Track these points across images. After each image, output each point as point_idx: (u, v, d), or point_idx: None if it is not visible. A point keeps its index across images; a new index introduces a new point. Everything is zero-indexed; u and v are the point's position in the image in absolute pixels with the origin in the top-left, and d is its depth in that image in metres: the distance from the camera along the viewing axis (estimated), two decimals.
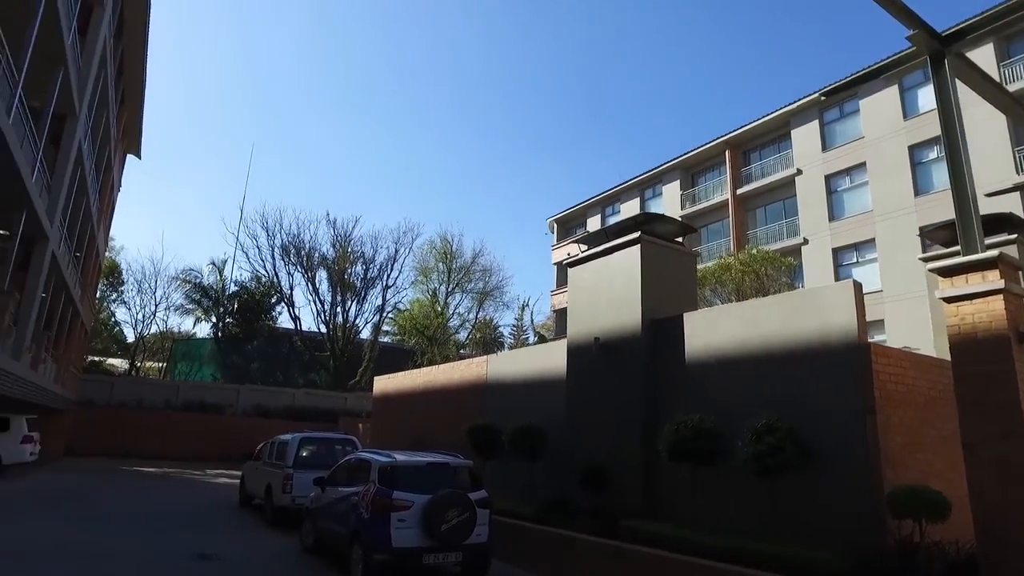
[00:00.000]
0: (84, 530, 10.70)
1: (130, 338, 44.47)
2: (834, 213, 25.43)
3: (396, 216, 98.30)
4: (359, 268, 41.95)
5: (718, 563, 7.03)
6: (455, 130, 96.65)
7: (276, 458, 13.41)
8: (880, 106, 24.14)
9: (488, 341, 47.34)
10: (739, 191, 29.25)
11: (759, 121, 28.77)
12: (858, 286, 7.78)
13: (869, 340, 7.85)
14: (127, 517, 12.33)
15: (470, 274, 45.55)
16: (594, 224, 36.37)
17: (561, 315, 36.34)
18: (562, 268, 37.37)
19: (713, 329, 9.47)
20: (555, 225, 41.22)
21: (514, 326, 49.16)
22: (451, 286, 45.04)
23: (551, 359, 13.26)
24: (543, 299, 67.21)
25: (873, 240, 23.54)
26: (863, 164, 24.57)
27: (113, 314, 45.07)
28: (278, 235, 41.06)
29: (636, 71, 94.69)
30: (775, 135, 28.94)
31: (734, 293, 17.60)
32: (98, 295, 37.51)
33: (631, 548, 8.02)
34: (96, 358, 40.33)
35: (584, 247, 12.70)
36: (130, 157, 34.93)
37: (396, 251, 42.42)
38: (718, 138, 30.65)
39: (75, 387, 27.67)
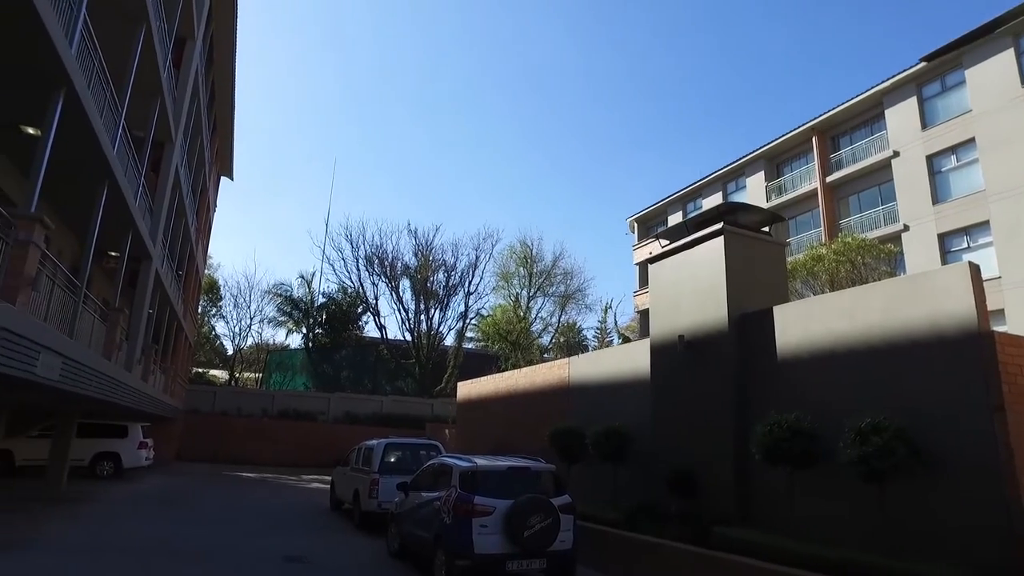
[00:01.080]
0: (187, 529, 11.27)
1: (229, 350, 47.07)
2: (938, 196, 23.47)
3: (476, 223, 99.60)
4: (441, 276, 42.65)
5: None
6: (532, 134, 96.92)
7: (363, 463, 13.67)
8: (991, 73, 22.04)
9: (571, 345, 46.91)
10: (829, 178, 27.60)
11: (849, 103, 27.04)
12: (975, 268, 7.02)
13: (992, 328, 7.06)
14: (226, 518, 12.90)
15: (551, 277, 45.33)
16: (675, 221, 35.35)
17: (645, 316, 35.47)
18: (644, 268, 36.54)
19: (807, 322, 8.84)
20: (635, 224, 40.38)
21: (597, 328, 48.48)
22: (532, 290, 44.98)
23: (634, 359, 12.86)
24: (626, 300, 66.24)
25: (987, 222, 21.50)
26: (971, 140, 22.53)
27: (213, 328, 47.88)
28: (362, 246, 42.36)
29: (711, 65, 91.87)
30: (867, 117, 27.11)
31: (827, 284, 16.51)
32: (199, 310, 39.89)
33: (724, 557, 7.55)
34: (200, 369, 42.89)
35: (664, 242, 12.24)
36: (223, 179, 37.04)
37: (477, 257, 42.87)
38: (804, 124, 29.08)
39: (182, 397, 29.46)
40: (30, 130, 10.55)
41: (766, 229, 11.49)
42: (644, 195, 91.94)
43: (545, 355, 43.69)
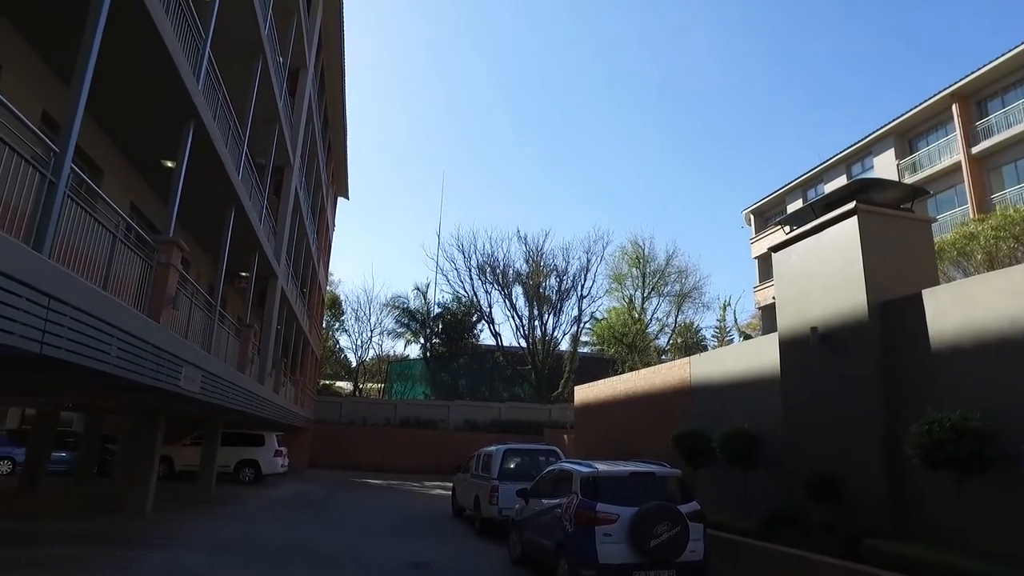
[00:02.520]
0: (319, 533, 11.73)
1: (353, 362, 49.41)
2: None
3: (585, 226, 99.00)
4: (553, 281, 42.64)
5: None
6: (637, 132, 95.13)
7: (482, 470, 13.68)
8: None
9: (690, 345, 45.22)
10: (975, 149, 24.74)
11: (997, 62, 24.05)
12: None
13: None
14: (354, 523, 13.34)
15: (665, 277, 43.93)
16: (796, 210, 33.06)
17: (767, 312, 33.47)
18: (764, 262, 34.56)
19: (968, 305, 7.77)
20: (751, 217, 38.31)
21: (716, 327, 46.43)
22: (646, 291, 43.81)
23: (761, 356, 12.01)
24: (746, 296, 63.10)
25: None
26: None
27: (337, 342, 50.46)
28: (473, 256, 43.19)
29: (816, 46, 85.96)
30: (1021, 75, 24.06)
31: (984, 264, 14.65)
32: (324, 325, 42.16)
33: (882, 574, 6.71)
34: (327, 381, 45.27)
35: (788, 229, 11.35)
36: (340, 199, 39.01)
37: (588, 260, 42.49)
38: (942, 91, 26.25)
39: (312, 407, 31.17)
40: (168, 164, 11.45)
41: (908, 206, 10.33)
42: (756, 188, 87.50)
43: (663, 357, 42.37)
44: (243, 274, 17.43)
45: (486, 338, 44.96)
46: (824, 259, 9.95)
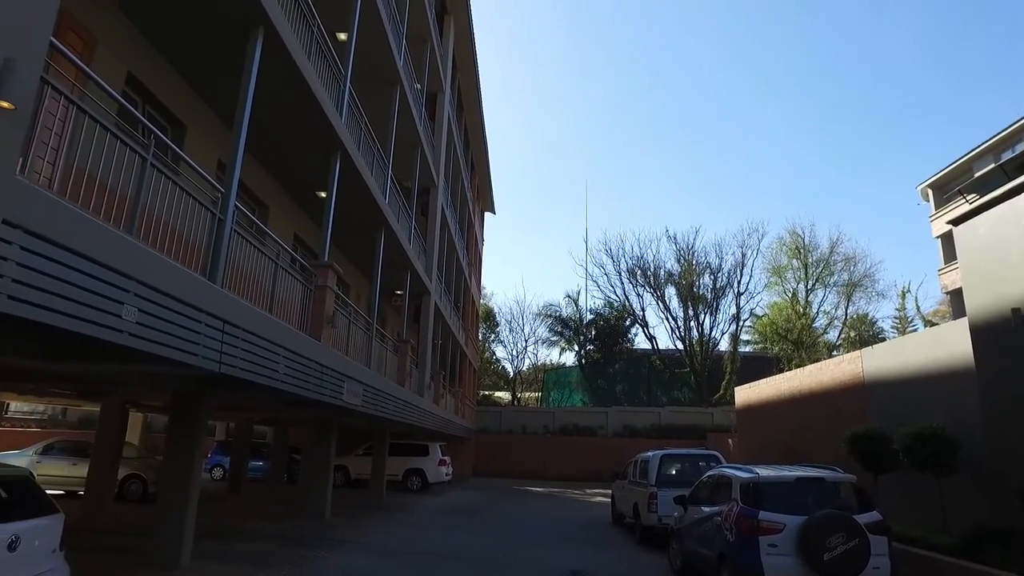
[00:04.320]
0: (482, 539, 12.04)
1: (510, 372, 50.62)
2: None
3: (737, 220, 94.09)
4: (707, 279, 40.98)
5: None
6: (790, 116, 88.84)
7: (640, 476, 13.32)
8: None
9: (865, 339, 41.09)
10: None
11: None
12: None
13: None
14: (516, 530, 13.54)
15: (830, 266, 40.37)
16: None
17: (956, 297, 29.53)
18: (948, 240, 30.55)
19: None
20: (930, 192, 34.03)
21: (895, 317, 41.83)
22: (810, 283, 40.56)
23: (948, 345, 10.56)
24: (928, 281, 56.32)
25: None
26: None
27: (494, 353, 51.97)
28: (622, 259, 42.65)
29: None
30: None
31: None
32: (479, 337, 43.62)
33: None
34: (486, 392, 46.73)
35: (971, 197, 9.90)
36: (487, 214, 40.29)
37: (743, 255, 40.35)
38: None
39: (472, 417, 32.30)
40: (321, 194, 12.46)
41: None
42: (933, 160, 77.56)
43: (834, 352, 38.86)
44: (398, 292, 18.52)
45: (641, 342, 44.22)
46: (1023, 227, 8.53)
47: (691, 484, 10.21)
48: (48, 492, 5.68)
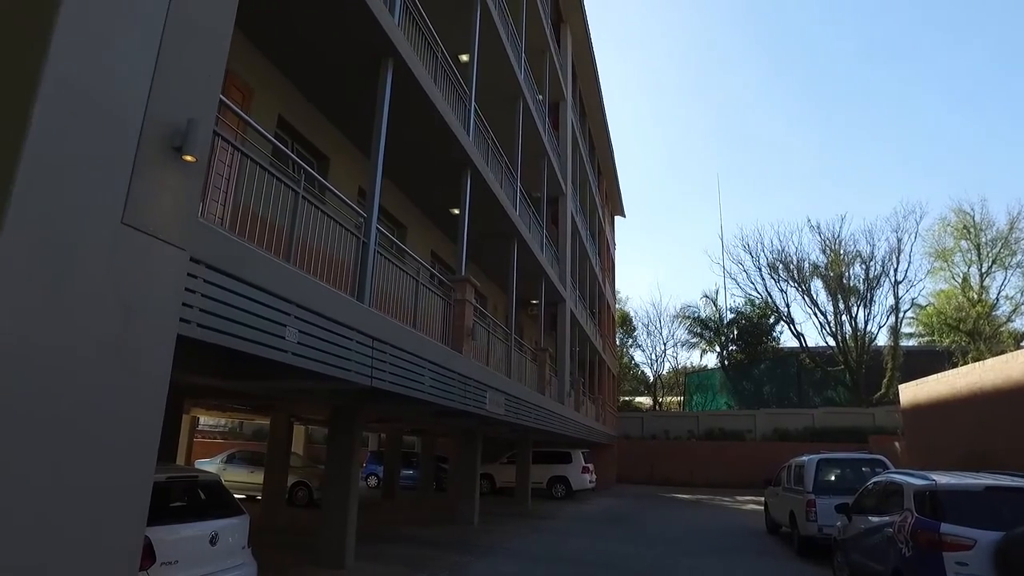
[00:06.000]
0: (628, 547, 11.85)
1: (649, 377, 49.59)
2: None
3: (888, 203, 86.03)
4: (857, 268, 37.95)
5: None
6: (942, 90, 79.90)
7: (795, 483, 12.51)
8: None
9: None
10: None
11: None
12: None
13: None
14: (664, 538, 13.19)
15: (1011, 244, 35.62)
16: None
17: None
18: None
19: None
20: None
21: None
22: (986, 265, 36.06)
23: None
24: None
25: None
26: None
27: (632, 357, 51.16)
28: (761, 254, 40.62)
29: None
30: None
31: None
32: (617, 343, 43.12)
33: None
34: (626, 398, 46.08)
35: None
36: (617, 218, 39.87)
37: (898, 241, 36.91)
38: None
39: (614, 424, 31.95)
40: (454, 211, 12.96)
41: None
42: None
43: (1022, 343, 34.26)
44: (533, 302, 18.80)
45: (787, 340, 41.83)
46: None
47: (853, 491, 9.44)
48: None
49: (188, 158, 3.71)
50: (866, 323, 37.05)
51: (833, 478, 11.88)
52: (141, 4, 3.52)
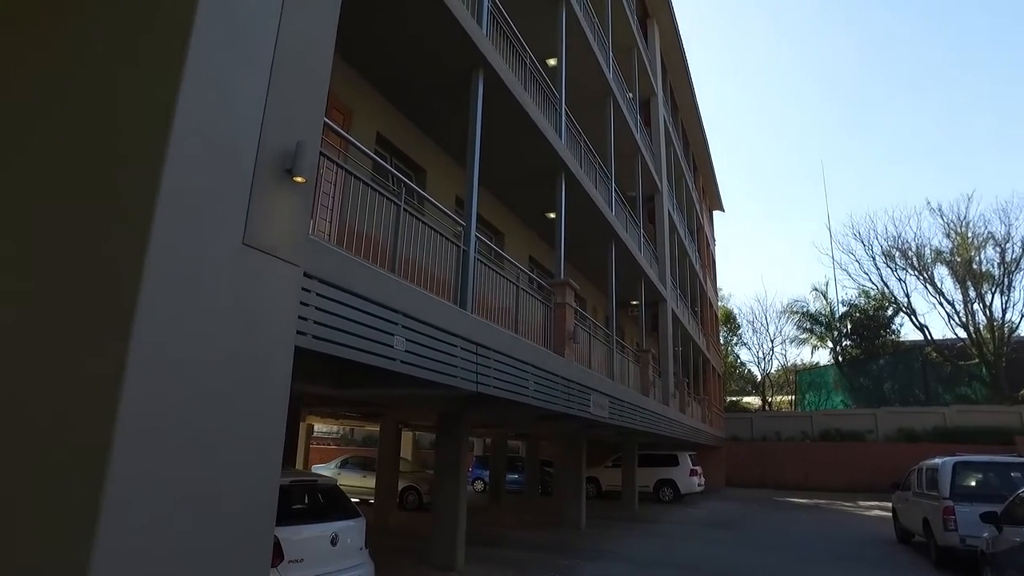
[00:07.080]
0: (741, 553, 11.35)
1: (757, 375, 47.46)
2: None
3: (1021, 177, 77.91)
4: (990, 252, 34.70)
5: None
6: None
7: (927, 487, 11.50)
8: None
9: None
10: None
11: None
12: None
13: None
14: (778, 544, 12.55)
15: None
16: None
17: None
18: None
19: None
20: None
21: None
22: None
23: None
24: None
25: None
26: None
27: (738, 356, 49.18)
28: (875, 242, 38.03)
29: None
30: None
31: None
32: (721, 341, 41.61)
33: None
34: (733, 398, 44.34)
35: None
36: (716, 213, 38.52)
37: None
38: None
39: (721, 425, 30.80)
40: (550, 215, 12.96)
41: None
42: None
43: None
44: (633, 302, 18.48)
45: (908, 332, 38.80)
46: None
47: (999, 499, 8.57)
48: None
49: (298, 179, 3.92)
50: (1004, 311, 33.79)
51: (974, 483, 10.81)
52: (254, 42, 3.75)
